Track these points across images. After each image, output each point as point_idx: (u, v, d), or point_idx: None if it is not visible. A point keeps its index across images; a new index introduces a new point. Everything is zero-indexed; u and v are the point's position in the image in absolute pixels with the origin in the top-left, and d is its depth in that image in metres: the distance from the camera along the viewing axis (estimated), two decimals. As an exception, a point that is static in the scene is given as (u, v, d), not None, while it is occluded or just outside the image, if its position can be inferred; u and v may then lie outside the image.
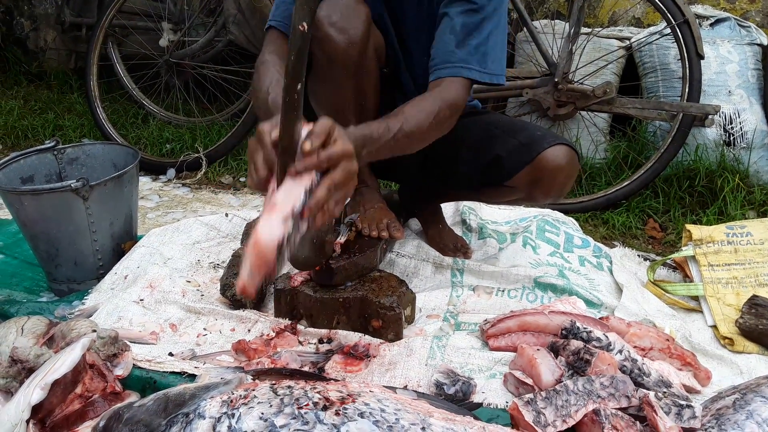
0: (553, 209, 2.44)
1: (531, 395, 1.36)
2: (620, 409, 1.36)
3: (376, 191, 1.99)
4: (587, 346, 1.49)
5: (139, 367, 1.55)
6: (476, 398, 1.46)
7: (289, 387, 1.19)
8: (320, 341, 1.67)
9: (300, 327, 1.71)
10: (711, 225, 2.20)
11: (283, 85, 1.16)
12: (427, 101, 1.56)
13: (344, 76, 1.69)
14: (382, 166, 2.05)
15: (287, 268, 1.95)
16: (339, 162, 1.22)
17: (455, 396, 1.45)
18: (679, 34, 2.77)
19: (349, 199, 1.33)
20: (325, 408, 1.12)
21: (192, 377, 1.50)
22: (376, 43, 1.74)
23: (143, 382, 1.51)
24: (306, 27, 1.11)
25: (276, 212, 1.16)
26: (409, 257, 2.03)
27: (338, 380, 1.42)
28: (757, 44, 3.06)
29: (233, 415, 1.11)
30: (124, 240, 2.05)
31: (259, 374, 1.40)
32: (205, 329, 1.75)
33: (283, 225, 1.15)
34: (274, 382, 1.24)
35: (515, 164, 1.74)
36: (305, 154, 1.19)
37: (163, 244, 2.07)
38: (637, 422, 1.33)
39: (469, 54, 1.61)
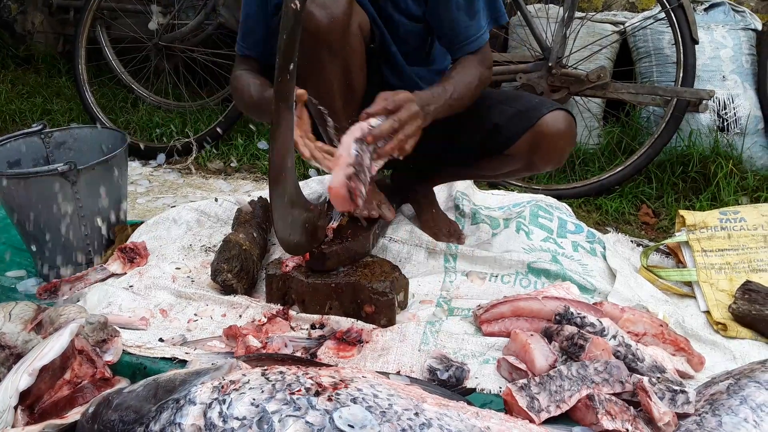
0: (547, 194, 2.43)
1: (525, 380, 1.36)
2: (614, 394, 1.36)
3: None
4: (581, 331, 1.49)
5: (129, 353, 1.53)
6: (469, 383, 1.46)
7: (280, 372, 1.18)
8: (312, 327, 1.66)
9: (292, 312, 1.70)
10: (704, 211, 2.19)
11: (276, 66, 1.15)
12: (469, 67, 1.72)
13: (328, 54, 1.67)
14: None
15: (279, 253, 1.94)
16: (403, 105, 1.47)
17: (448, 381, 1.44)
18: (674, 18, 2.76)
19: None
20: (317, 393, 1.10)
21: (182, 363, 1.49)
22: (360, 19, 1.73)
23: (133, 367, 1.50)
24: (298, 5, 1.09)
25: (339, 163, 1.42)
26: (402, 242, 2.01)
27: (331, 366, 1.41)
28: (752, 29, 3.06)
29: (224, 401, 1.09)
30: (114, 225, 2.02)
31: (251, 360, 1.38)
32: (195, 315, 1.73)
33: (347, 170, 1.40)
34: (265, 367, 1.23)
35: (515, 131, 1.77)
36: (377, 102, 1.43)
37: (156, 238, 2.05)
38: (631, 407, 1.33)
39: (480, 19, 1.73)
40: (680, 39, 2.76)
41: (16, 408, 1.29)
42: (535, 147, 1.77)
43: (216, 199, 2.25)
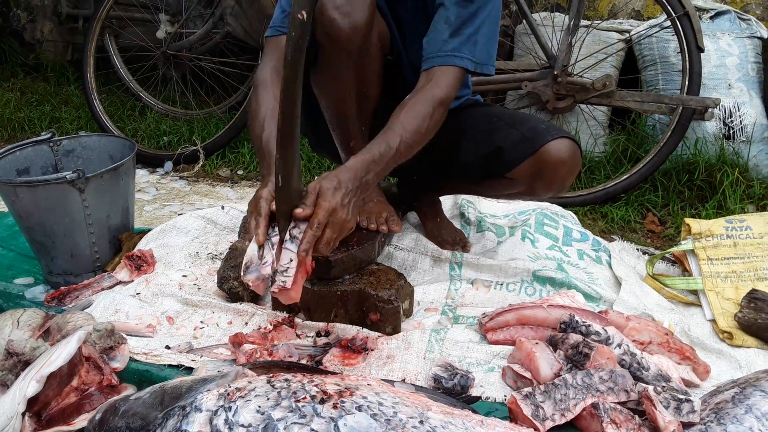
0: (552, 203, 2.43)
1: (529, 389, 1.36)
2: (619, 403, 1.35)
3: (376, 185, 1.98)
4: (586, 339, 1.49)
5: (136, 360, 1.54)
6: (474, 392, 1.46)
7: (286, 380, 1.18)
8: (318, 334, 1.66)
9: (297, 320, 1.70)
10: (710, 219, 2.19)
11: (283, 76, 1.16)
12: (419, 105, 1.58)
13: (347, 62, 1.68)
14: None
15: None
16: (320, 205, 1.38)
17: (453, 389, 1.44)
18: (679, 26, 2.76)
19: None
20: (322, 401, 1.11)
21: (189, 370, 1.50)
22: (380, 29, 1.73)
23: (140, 375, 1.51)
24: (305, 15, 1.09)
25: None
26: (408, 250, 2.02)
27: (336, 373, 1.42)
28: (758, 37, 3.05)
29: (230, 408, 1.10)
30: (121, 232, 2.04)
31: (257, 367, 1.39)
32: (202, 322, 1.74)
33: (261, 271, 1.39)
34: (271, 375, 1.24)
35: (517, 156, 1.74)
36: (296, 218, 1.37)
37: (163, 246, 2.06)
38: (636, 416, 1.33)
39: (461, 43, 1.62)
40: (686, 47, 2.76)
41: (24, 415, 1.30)
42: (537, 174, 1.74)
43: (222, 207, 2.27)
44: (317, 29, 1.64)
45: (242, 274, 1.41)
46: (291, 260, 1.38)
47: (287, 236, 1.38)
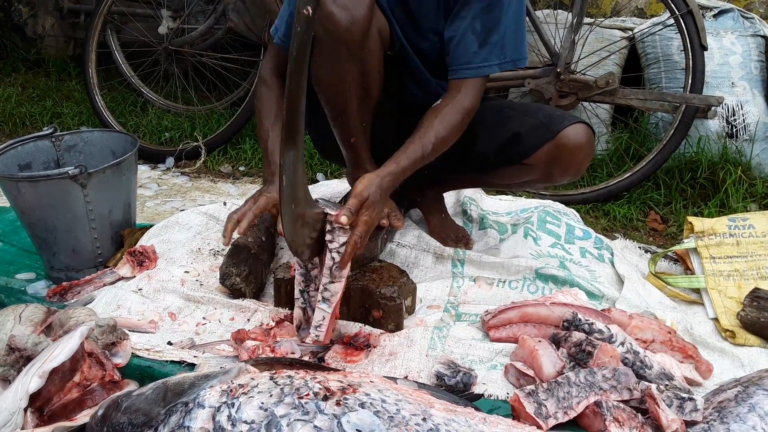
0: (554, 200, 2.43)
1: (532, 387, 1.36)
2: (622, 401, 1.35)
3: None
4: (589, 337, 1.49)
5: (138, 356, 1.54)
6: (477, 389, 1.46)
7: (289, 377, 1.18)
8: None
9: (300, 317, 1.70)
10: (713, 217, 2.18)
11: (288, 71, 1.15)
12: (451, 114, 1.67)
13: (346, 56, 1.68)
14: (385, 155, 2.03)
15: (287, 257, 1.95)
16: (360, 219, 1.50)
17: (456, 387, 1.44)
18: (683, 24, 2.75)
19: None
20: (325, 398, 1.11)
21: (191, 366, 1.50)
22: (380, 24, 1.73)
23: (142, 371, 1.51)
24: (311, 11, 1.09)
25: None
26: (410, 247, 2.02)
27: (338, 370, 1.41)
28: (761, 36, 3.04)
29: (233, 404, 1.10)
30: (123, 228, 2.03)
31: (259, 364, 1.39)
32: (204, 318, 1.74)
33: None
34: (274, 371, 1.24)
35: (536, 141, 1.78)
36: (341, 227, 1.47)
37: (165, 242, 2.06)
38: (639, 414, 1.33)
39: (490, 52, 1.69)
40: (689, 45, 2.75)
41: (26, 410, 1.30)
42: (555, 158, 1.77)
43: (224, 203, 2.26)
44: (316, 23, 1.65)
45: (296, 333, 1.60)
46: (324, 318, 1.50)
47: (319, 297, 1.50)
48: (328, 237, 1.50)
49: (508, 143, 1.82)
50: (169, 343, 1.60)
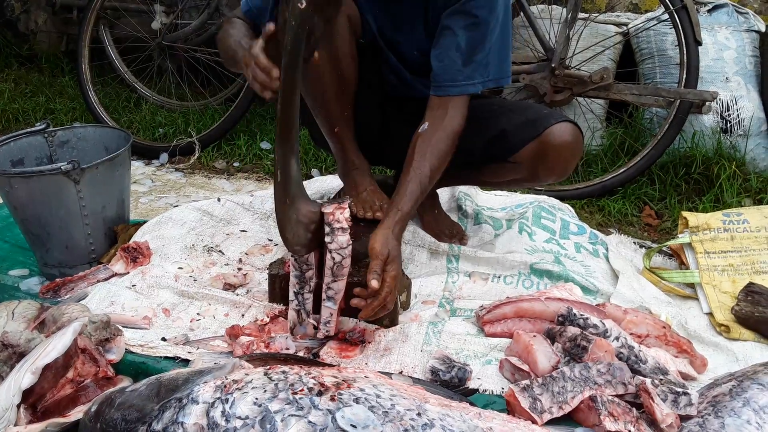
0: (549, 195, 2.43)
1: (527, 381, 1.36)
2: (617, 396, 1.36)
3: (367, 174, 1.98)
4: (584, 332, 1.49)
5: (132, 352, 1.53)
6: (472, 384, 1.46)
7: (283, 372, 1.18)
8: (315, 327, 1.65)
9: (294, 312, 1.70)
10: (707, 212, 2.19)
11: (282, 65, 1.15)
12: (442, 141, 1.68)
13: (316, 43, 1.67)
14: (376, 152, 2.03)
15: (282, 252, 1.94)
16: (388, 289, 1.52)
17: (451, 382, 1.44)
18: (677, 19, 2.75)
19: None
20: (320, 393, 1.10)
21: (185, 362, 1.49)
22: (351, 12, 1.74)
23: (136, 367, 1.50)
24: (304, 3, 1.08)
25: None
26: (405, 243, 2.01)
27: (333, 366, 1.41)
28: (755, 31, 3.04)
29: (227, 400, 1.10)
30: (116, 224, 2.02)
31: (253, 359, 1.38)
32: (198, 314, 1.73)
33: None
34: (268, 367, 1.23)
35: (522, 138, 1.77)
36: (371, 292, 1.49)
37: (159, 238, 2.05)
38: (634, 409, 1.33)
39: (474, 70, 1.69)
40: (683, 40, 2.76)
41: (18, 406, 1.29)
42: (540, 156, 1.77)
43: (218, 199, 2.26)
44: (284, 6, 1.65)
45: (290, 334, 1.60)
46: (331, 314, 1.55)
47: (324, 296, 1.54)
48: (327, 239, 1.49)
49: (495, 140, 1.82)
50: (163, 339, 1.60)
